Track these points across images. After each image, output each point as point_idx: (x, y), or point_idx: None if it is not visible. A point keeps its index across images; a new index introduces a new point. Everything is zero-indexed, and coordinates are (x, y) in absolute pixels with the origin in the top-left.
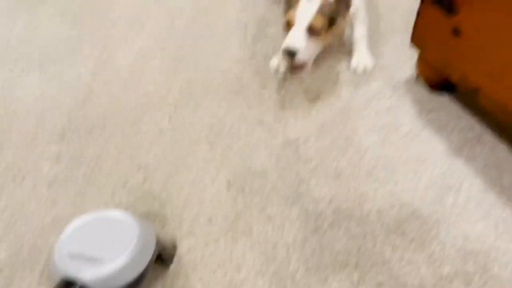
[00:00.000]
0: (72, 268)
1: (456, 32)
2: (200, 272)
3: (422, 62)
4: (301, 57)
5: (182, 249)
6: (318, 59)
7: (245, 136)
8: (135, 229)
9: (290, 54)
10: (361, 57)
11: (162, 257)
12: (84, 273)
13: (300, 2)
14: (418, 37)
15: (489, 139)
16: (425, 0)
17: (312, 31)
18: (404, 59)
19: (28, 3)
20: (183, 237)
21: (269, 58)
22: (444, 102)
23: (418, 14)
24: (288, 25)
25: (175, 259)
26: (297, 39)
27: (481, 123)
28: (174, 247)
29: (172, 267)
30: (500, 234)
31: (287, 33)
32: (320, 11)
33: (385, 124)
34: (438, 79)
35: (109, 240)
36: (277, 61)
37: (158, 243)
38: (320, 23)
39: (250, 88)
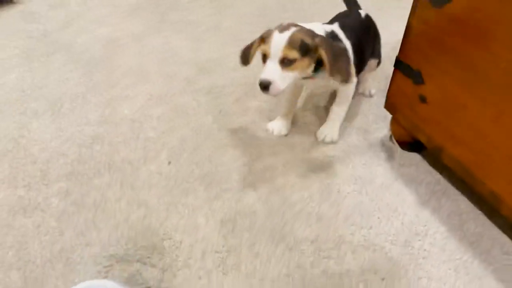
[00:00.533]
0: None
1: (422, 99)
2: None
3: (394, 123)
4: (275, 88)
5: (178, 280)
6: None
7: (237, 181)
8: None
9: (265, 87)
10: (329, 130)
11: None
12: None
13: (273, 35)
14: (390, 102)
15: (453, 192)
16: (397, 71)
17: (285, 63)
18: (380, 119)
19: (42, 52)
20: (179, 268)
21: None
22: (415, 159)
23: (391, 82)
24: (264, 59)
25: None
26: (271, 71)
27: (446, 178)
28: None
29: None
30: (460, 277)
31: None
32: (291, 42)
33: (361, 175)
34: (408, 139)
35: None
36: (273, 125)
37: None
38: (291, 54)
39: (240, 138)
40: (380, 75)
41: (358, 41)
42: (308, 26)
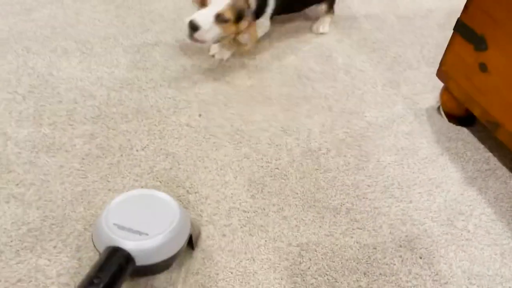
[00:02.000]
0: (120, 238)
1: (483, 68)
2: (216, 258)
3: (445, 93)
4: (201, 34)
5: (201, 236)
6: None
7: (269, 140)
8: (176, 211)
9: (193, 27)
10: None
11: (191, 240)
12: (130, 243)
13: None
14: (444, 70)
15: (503, 173)
16: (456, 35)
17: (219, 18)
18: (428, 89)
19: None
20: (203, 225)
21: None
22: (463, 133)
23: (447, 48)
24: (202, 3)
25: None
26: (205, 18)
27: (496, 157)
28: (199, 232)
29: (188, 252)
30: (506, 262)
31: (197, 8)
32: (232, 4)
33: (404, 146)
34: (459, 112)
35: (153, 217)
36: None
37: (191, 226)
38: (228, 14)
39: (276, 99)
40: (430, 43)
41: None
42: None
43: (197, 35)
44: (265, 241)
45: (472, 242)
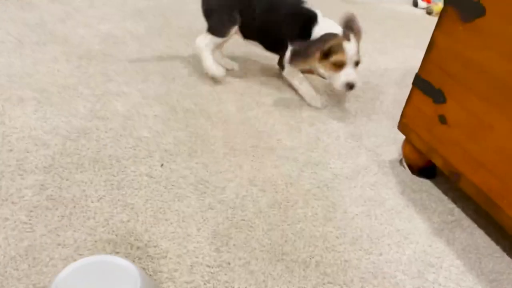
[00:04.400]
0: None
1: (442, 120)
2: None
3: (407, 145)
4: (357, 86)
5: None
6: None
7: (235, 193)
8: (137, 280)
9: (352, 86)
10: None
11: None
12: None
13: (344, 45)
14: (405, 122)
15: (468, 224)
16: (415, 89)
17: (356, 64)
18: (390, 141)
19: (36, 40)
20: (163, 282)
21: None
22: (426, 185)
23: (407, 101)
24: (339, 65)
25: None
26: (355, 76)
27: (460, 209)
28: None
29: None
30: None
31: (335, 72)
32: (358, 47)
33: (370, 197)
34: (421, 163)
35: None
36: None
37: None
38: (359, 57)
39: (240, 149)
40: (388, 99)
41: None
42: (327, 21)
43: (353, 89)
44: None
45: None
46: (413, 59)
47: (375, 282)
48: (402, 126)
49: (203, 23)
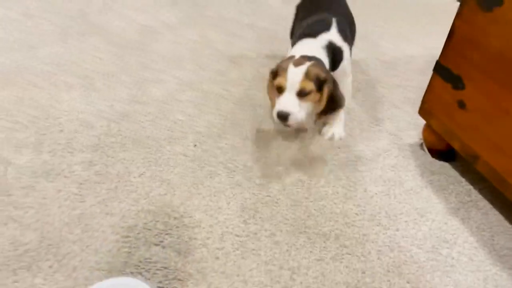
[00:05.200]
0: None
1: (461, 105)
2: (209, 280)
3: (427, 130)
4: (293, 118)
5: (195, 258)
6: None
7: (261, 171)
8: None
9: (284, 117)
10: (336, 129)
11: None
12: None
13: (288, 68)
14: (425, 108)
15: (484, 205)
16: (435, 76)
17: (302, 94)
18: (412, 126)
19: (78, 30)
20: (196, 247)
21: None
22: (445, 168)
23: (428, 87)
24: (279, 90)
25: (187, 266)
26: (290, 103)
27: (477, 191)
28: None
29: (183, 273)
30: (489, 287)
31: (276, 99)
32: (306, 74)
33: (390, 178)
34: (440, 146)
35: None
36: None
37: None
38: (308, 86)
39: (266, 131)
40: (413, 85)
41: (352, 40)
42: (309, 45)
43: (290, 121)
44: (257, 264)
45: (456, 268)
46: (440, 46)
47: (391, 255)
48: (423, 111)
49: (233, 12)
